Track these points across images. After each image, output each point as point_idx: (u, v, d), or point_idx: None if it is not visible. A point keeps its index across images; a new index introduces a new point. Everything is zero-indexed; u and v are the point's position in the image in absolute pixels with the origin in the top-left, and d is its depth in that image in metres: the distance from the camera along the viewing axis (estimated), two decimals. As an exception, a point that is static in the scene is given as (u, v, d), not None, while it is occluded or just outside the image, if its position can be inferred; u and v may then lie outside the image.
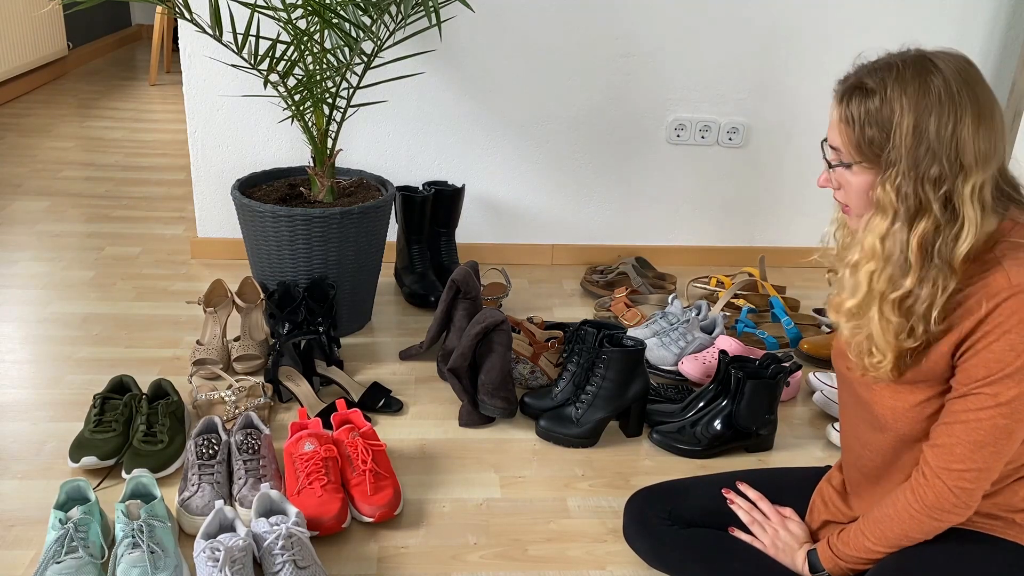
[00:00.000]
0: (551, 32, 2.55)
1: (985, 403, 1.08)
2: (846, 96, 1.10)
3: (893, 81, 1.06)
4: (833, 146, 1.14)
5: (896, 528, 1.19)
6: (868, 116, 1.07)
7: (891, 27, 2.61)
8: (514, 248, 2.81)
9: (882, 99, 1.06)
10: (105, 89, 4.86)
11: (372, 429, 1.72)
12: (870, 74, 1.08)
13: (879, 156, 1.08)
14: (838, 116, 1.11)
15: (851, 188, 1.13)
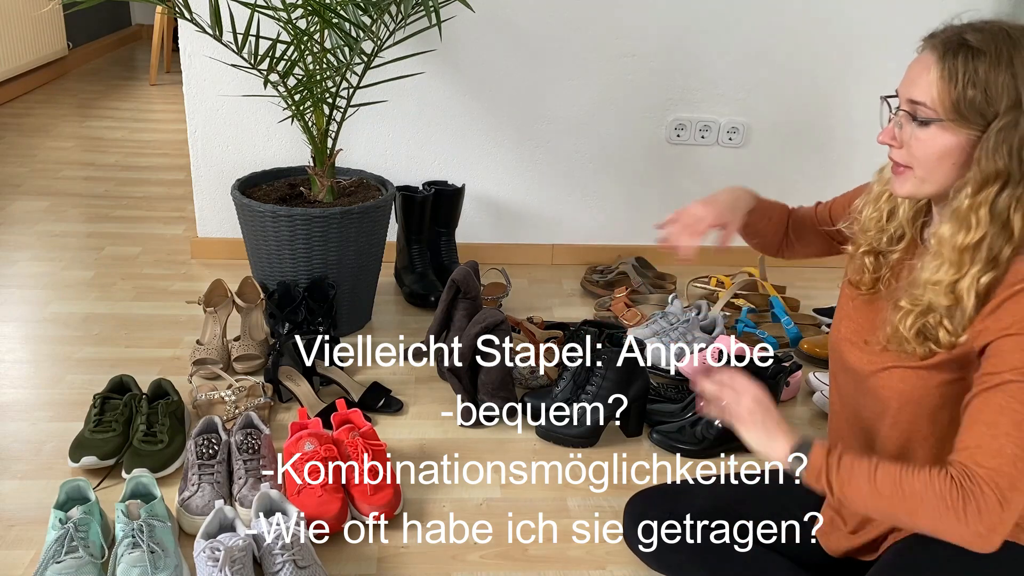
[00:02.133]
0: (551, 32, 2.54)
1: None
2: (950, 50, 1.04)
3: (1004, 44, 1.03)
4: (916, 100, 1.08)
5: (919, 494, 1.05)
6: (976, 76, 1.02)
7: (891, 26, 2.60)
8: (514, 248, 2.81)
9: (993, 61, 1.02)
10: (105, 89, 4.86)
11: (372, 429, 1.72)
12: (976, 33, 1.05)
13: (978, 121, 1.04)
14: (938, 70, 1.05)
15: (925, 148, 1.08)
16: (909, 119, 1.10)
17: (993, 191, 1.04)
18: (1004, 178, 1.04)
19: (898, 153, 1.12)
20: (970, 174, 1.06)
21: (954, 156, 1.07)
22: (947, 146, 1.07)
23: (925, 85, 1.07)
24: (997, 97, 1.03)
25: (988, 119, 1.04)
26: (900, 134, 1.11)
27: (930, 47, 1.09)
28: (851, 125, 2.72)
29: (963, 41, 1.05)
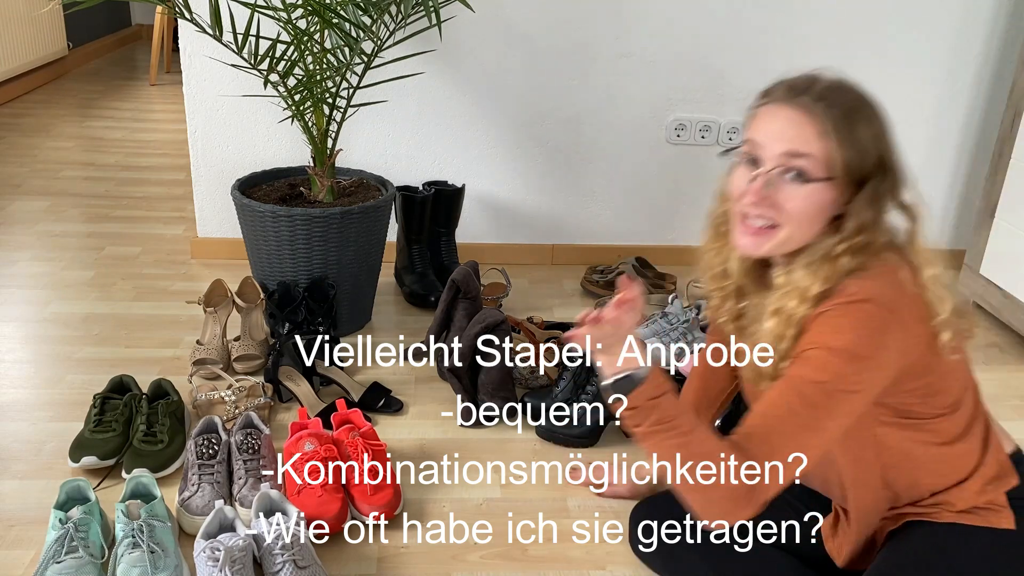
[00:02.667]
0: (551, 32, 2.54)
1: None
2: (829, 109, 1.08)
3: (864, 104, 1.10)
4: (800, 153, 1.07)
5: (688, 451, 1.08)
6: (854, 135, 1.08)
7: (891, 27, 2.61)
8: (514, 248, 2.81)
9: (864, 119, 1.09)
10: (105, 89, 4.86)
11: (372, 429, 1.72)
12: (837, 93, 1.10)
13: (856, 177, 1.08)
14: (821, 129, 1.07)
15: (802, 206, 1.08)
16: (784, 177, 1.09)
17: (860, 240, 1.09)
18: (870, 227, 1.09)
19: (769, 212, 1.10)
20: (848, 225, 1.09)
21: (828, 211, 1.10)
22: (826, 202, 1.09)
23: (805, 139, 1.08)
24: (871, 152, 1.09)
25: (864, 174, 1.09)
26: (771, 192, 1.09)
27: (795, 104, 1.09)
28: (851, 125, 2.72)
29: (836, 100, 1.09)
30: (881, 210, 1.09)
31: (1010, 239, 2.42)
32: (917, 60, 2.66)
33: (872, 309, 1.06)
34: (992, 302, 2.50)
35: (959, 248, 2.89)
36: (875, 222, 1.09)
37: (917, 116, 2.73)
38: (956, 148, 2.79)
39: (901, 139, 3.05)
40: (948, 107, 2.73)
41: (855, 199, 1.08)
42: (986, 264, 2.52)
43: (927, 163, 2.80)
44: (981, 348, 2.42)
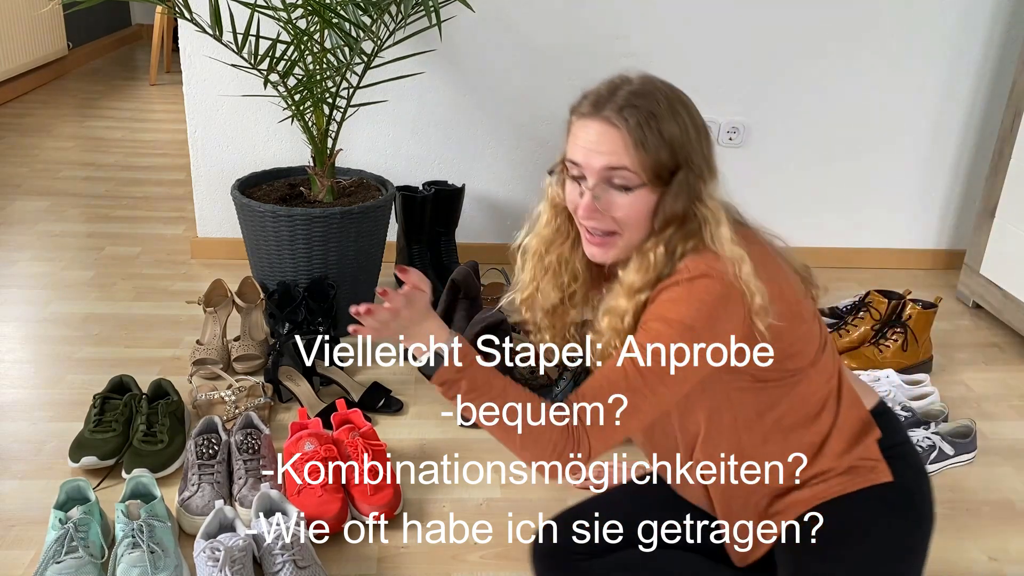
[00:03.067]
0: (551, 32, 2.54)
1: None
2: (631, 118, 1.11)
3: (664, 104, 1.13)
4: (615, 167, 1.11)
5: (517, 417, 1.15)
6: (659, 139, 1.10)
7: (891, 27, 2.61)
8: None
9: (665, 119, 1.12)
10: (105, 89, 4.86)
11: (372, 429, 1.72)
12: (638, 97, 1.13)
13: (667, 177, 1.11)
14: (628, 139, 1.10)
15: (632, 212, 1.12)
16: (609, 189, 1.13)
17: (669, 232, 1.13)
18: (680, 219, 1.12)
19: (600, 222, 1.15)
20: (656, 222, 1.13)
21: (651, 212, 1.14)
22: (649, 207, 1.13)
23: (617, 153, 1.12)
24: (677, 153, 1.12)
25: (673, 172, 1.12)
26: (601, 205, 1.14)
27: (600, 118, 1.14)
28: (851, 125, 2.72)
29: (637, 107, 1.12)
30: (688, 203, 1.12)
31: (1010, 239, 2.42)
32: (918, 60, 2.66)
33: (708, 283, 1.09)
34: (992, 302, 2.50)
35: (959, 248, 2.89)
36: (684, 215, 1.12)
37: (917, 116, 2.73)
38: (956, 148, 2.79)
39: (901, 139, 3.05)
40: (948, 107, 2.73)
41: (663, 196, 1.12)
42: (986, 264, 2.52)
43: (927, 163, 2.80)
44: (981, 348, 2.42)
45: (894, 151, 2.77)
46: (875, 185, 2.81)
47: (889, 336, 2.24)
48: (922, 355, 2.25)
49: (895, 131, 2.74)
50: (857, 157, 2.76)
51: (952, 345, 2.41)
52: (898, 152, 2.78)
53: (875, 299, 2.29)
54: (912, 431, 1.87)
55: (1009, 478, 1.85)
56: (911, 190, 2.83)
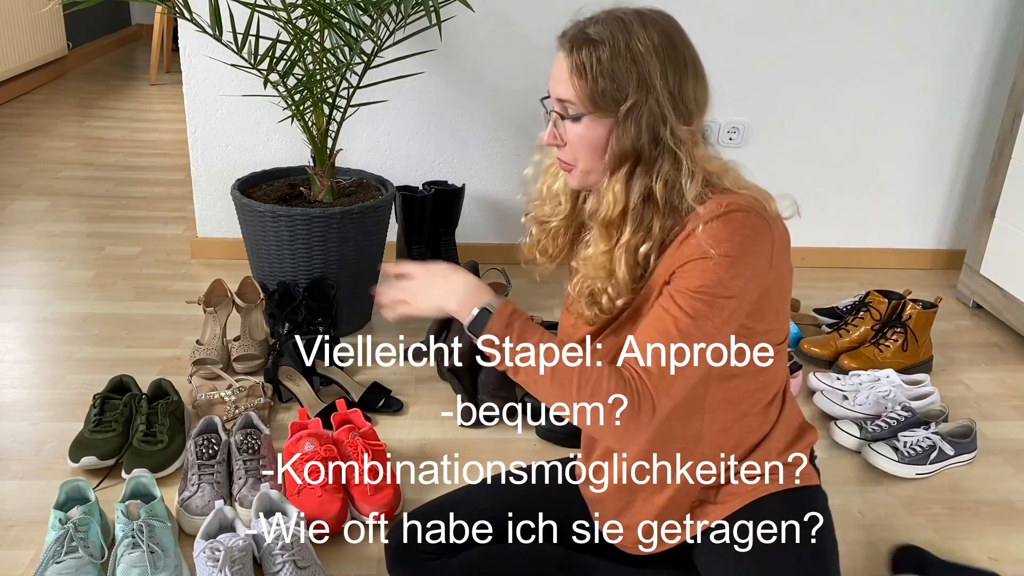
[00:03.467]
0: (551, 32, 2.53)
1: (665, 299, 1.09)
2: (575, 47, 1.09)
3: (620, 32, 1.08)
4: (562, 99, 1.11)
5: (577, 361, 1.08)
6: (601, 67, 1.07)
7: (891, 27, 2.61)
8: (514, 248, 2.79)
9: (614, 50, 1.07)
10: (105, 89, 4.86)
11: (372, 429, 1.72)
12: (595, 25, 1.10)
13: (613, 107, 1.08)
14: (569, 67, 1.09)
15: (580, 142, 1.11)
16: (560, 118, 1.13)
17: (626, 168, 1.09)
18: (636, 155, 1.09)
19: (562, 151, 1.15)
20: (606, 156, 1.11)
21: (604, 144, 1.11)
22: (597, 137, 1.11)
23: (564, 84, 1.11)
24: (624, 82, 1.07)
25: (619, 104, 1.08)
26: (559, 132, 1.14)
27: (560, 45, 1.13)
28: (850, 125, 2.72)
29: (586, 36, 1.10)
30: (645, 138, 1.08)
31: (1010, 239, 2.42)
32: (918, 60, 2.66)
33: (744, 217, 1.08)
34: (992, 302, 2.50)
35: (959, 248, 2.89)
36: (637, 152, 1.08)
37: (918, 116, 2.73)
38: (956, 148, 2.79)
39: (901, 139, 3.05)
40: (948, 107, 2.73)
41: (613, 129, 1.09)
42: (986, 264, 2.52)
43: (927, 163, 2.80)
44: (981, 348, 2.42)
45: (894, 151, 2.77)
46: (875, 185, 2.81)
47: (889, 336, 2.24)
48: (922, 355, 2.25)
49: (895, 131, 2.74)
50: (857, 157, 2.76)
51: (952, 345, 2.41)
52: (898, 152, 2.78)
53: (875, 299, 2.30)
54: (912, 431, 1.87)
55: (1009, 478, 1.86)
56: (911, 190, 2.83)
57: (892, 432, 1.90)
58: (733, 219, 1.07)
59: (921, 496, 1.78)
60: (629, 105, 1.07)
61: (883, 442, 1.87)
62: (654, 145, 1.09)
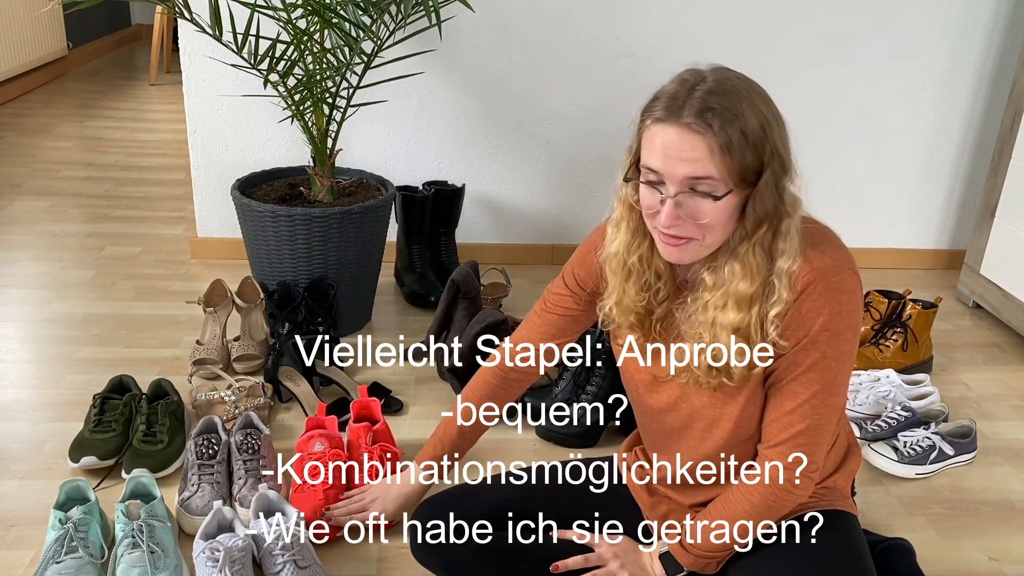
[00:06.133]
0: (551, 32, 2.54)
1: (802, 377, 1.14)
2: (712, 123, 1.04)
3: (743, 103, 1.06)
4: (698, 176, 1.06)
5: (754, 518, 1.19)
6: (744, 140, 1.05)
7: (891, 27, 2.61)
8: (514, 248, 2.81)
9: (745, 123, 1.05)
10: (105, 89, 4.86)
11: (386, 426, 1.72)
12: (715, 97, 1.05)
13: (754, 179, 1.08)
14: (710, 145, 1.04)
15: (716, 216, 1.08)
16: (694, 197, 1.08)
17: (763, 231, 1.11)
18: (773, 217, 1.11)
19: (682, 228, 1.11)
20: (748, 224, 1.10)
21: (736, 213, 1.11)
22: (735, 207, 1.10)
23: (702, 161, 1.05)
24: (762, 152, 1.07)
25: (758, 172, 1.08)
26: (682, 211, 1.09)
27: (680, 124, 1.06)
28: (851, 125, 2.72)
29: (714, 107, 1.05)
30: (777, 199, 1.10)
31: (1010, 239, 2.42)
32: (918, 60, 2.66)
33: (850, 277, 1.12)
34: (992, 302, 2.50)
35: (959, 248, 2.89)
36: (775, 212, 1.10)
37: (917, 116, 2.73)
38: (956, 148, 2.79)
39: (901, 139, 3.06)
40: (948, 107, 2.73)
41: (753, 195, 1.09)
42: (986, 264, 2.52)
43: (927, 163, 2.80)
44: (981, 348, 2.42)
45: (894, 151, 2.77)
46: (875, 185, 2.81)
47: (889, 336, 2.24)
48: (922, 355, 2.25)
49: (895, 131, 2.74)
50: (857, 157, 2.76)
51: (952, 345, 2.41)
52: (898, 152, 2.78)
53: (875, 299, 2.30)
54: (912, 431, 1.87)
55: (1009, 478, 1.85)
56: (911, 190, 2.83)
57: (892, 432, 1.90)
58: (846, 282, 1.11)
59: (921, 496, 1.78)
60: (769, 174, 1.08)
61: (883, 442, 1.87)
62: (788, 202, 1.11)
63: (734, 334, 1.13)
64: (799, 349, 1.12)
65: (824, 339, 1.11)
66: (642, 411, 1.34)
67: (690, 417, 1.24)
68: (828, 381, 1.13)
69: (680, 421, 1.26)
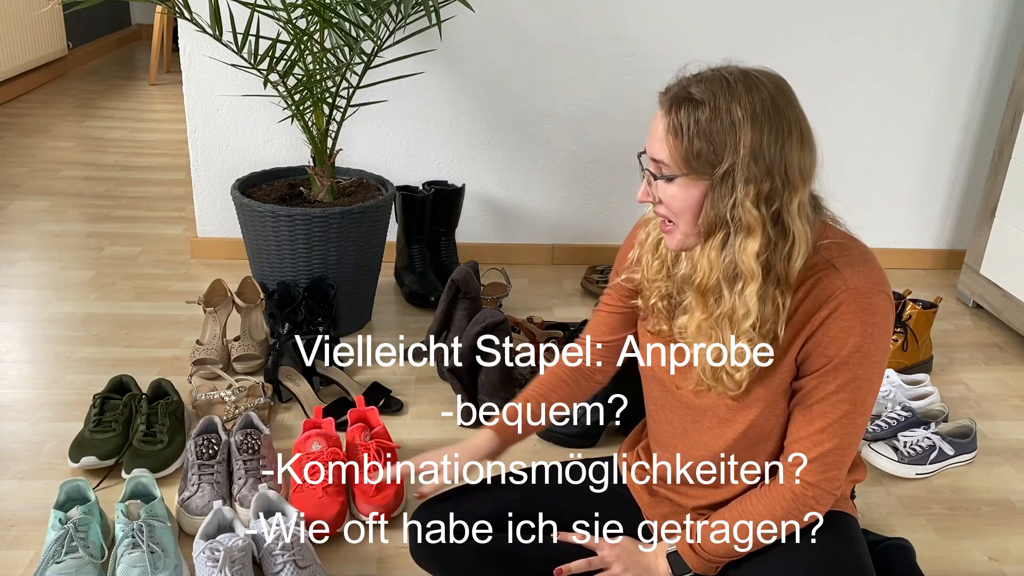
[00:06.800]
0: (551, 32, 2.54)
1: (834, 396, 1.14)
2: (674, 106, 1.06)
3: (723, 93, 1.04)
4: (655, 158, 1.09)
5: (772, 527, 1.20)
6: (698, 128, 1.04)
7: (891, 27, 2.61)
8: (514, 248, 2.81)
9: (713, 111, 1.03)
10: (105, 89, 4.86)
11: (385, 429, 1.72)
12: (697, 85, 1.06)
13: (708, 170, 1.06)
14: (664, 127, 1.06)
15: (675, 202, 1.09)
16: (654, 177, 1.11)
17: (721, 235, 1.08)
18: (726, 225, 1.07)
19: (660, 208, 1.13)
20: (699, 222, 1.09)
21: (699, 207, 1.09)
22: (691, 199, 1.08)
23: (660, 143, 1.08)
24: (721, 146, 1.04)
25: (714, 167, 1.05)
26: (653, 191, 1.12)
27: (661, 102, 1.09)
28: (851, 125, 2.72)
29: (687, 95, 1.05)
30: (728, 207, 1.06)
31: (1010, 239, 2.42)
32: (918, 60, 2.66)
33: (883, 300, 1.12)
34: (992, 302, 2.50)
35: (959, 248, 2.89)
36: (723, 219, 1.07)
37: (917, 116, 2.73)
38: (956, 148, 2.79)
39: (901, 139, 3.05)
40: (948, 107, 2.73)
41: (708, 192, 1.07)
42: (986, 264, 2.52)
43: (927, 163, 2.80)
44: (981, 348, 2.42)
45: (894, 151, 2.77)
46: (875, 185, 2.81)
47: (889, 336, 2.23)
48: (922, 355, 2.25)
49: (895, 131, 2.74)
50: (857, 157, 2.76)
51: (952, 345, 2.41)
52: (898, 152, 2.78)
53: (875, 299, 2.29)
54: (912, 431, 1.87)
55: (1009, 478, 1.86)
56: (911, 190, 2.84)
57: (892, 432, 1.90)
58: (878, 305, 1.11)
59: (921, 496, 1.78)
60: (724, 169, 1.04)
61: (883, 442, 1.87)
62: (743, 217, 1.05)
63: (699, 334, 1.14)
64: (830, 369, 1.12)
65: (856, 360, 1.11)
66: (656, 403, 1.33)
67: (703, 413, 1.24)
68: (858, 402, 1.14)
69: (693, 417, 1.26)
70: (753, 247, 1.06)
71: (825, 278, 1.11)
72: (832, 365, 1.12)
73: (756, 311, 1.09)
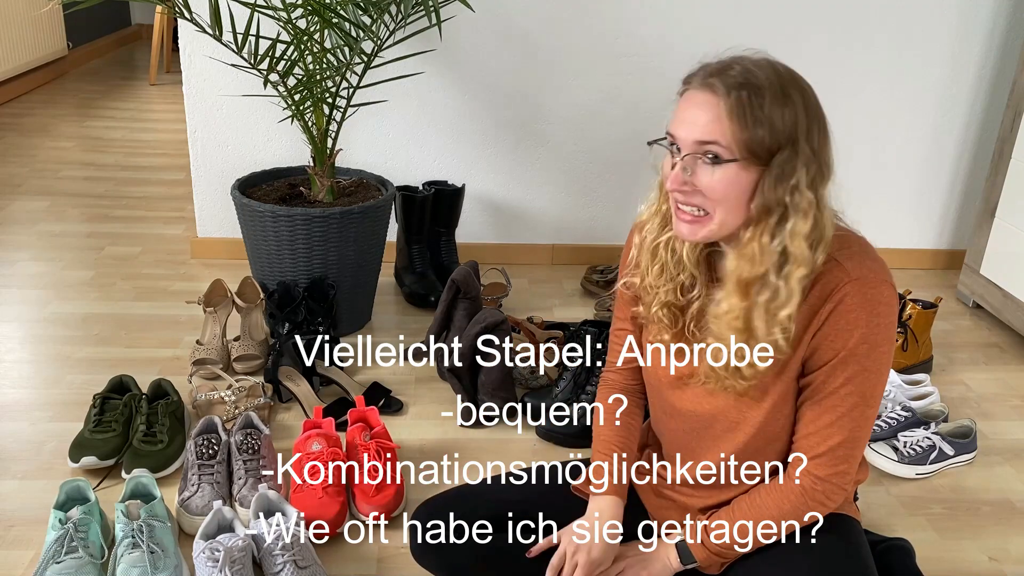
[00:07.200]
0: (551, 32, 2.54)
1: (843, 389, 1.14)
2: (733, 88, 1.04)
3: (778, 81, 1.07)
4: (706, 141, 1.06)
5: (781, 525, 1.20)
6: (763, 112, 1.04)
7: (892, 27, 2.61)
8: (514, 248, 2.81)
9: (774, 98, 1.05)
10: (105, 89, 4.86)
11: (385, 429, 1.72)
12: (750, 71, 1.06)
13: (765, 157, 1.06)
14: (726, 108, 1.04)
15: (721, 187, 1.07)
16: (699, 161, 1.08)
17: (772, 220, 1.08)
18: (783, 209, 1.07)
19: (690, 198, 1.10)
20: (754, 205, 1.08)
21: (749, 193, 1.08)
22: (742, 186, 1.07)
23: (712, 124, 1.06)
24: (781, 132, 1.05)
25: (773, 153, 1.06)
26: (691, 179, 1.09)
27: (705, 86, 1.07)
28: (851, 125, 2.72)
29: (745, 79, 1.05)
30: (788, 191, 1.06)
31: (1010, 239, 2.42)
32: (918, 60, 2.66)
33: (887, 289, 1.12)
34: (992, 302, 2.50)
35: (959, 248, 2.89)
36: (782, 203, 1.07)
37: (917, 116, 2.73)
38: (956, 148, 2.79)
39: (902, 139, 3.05)
40: (948, 107, 2.73)
41: (762, 177, 1.07)
42: (986, 264, 2.52)
43: (927, 163, 2.80)
44: (981, 348, 2.42)
45: (894, 151, 2.77)
46: (875, 185, 2.81)
47: (889, 336, 2.23)
48: (922, 355, 2.25)
49: (895, 131, 2.74)
50: (857, 157, 2.76)
51: (952, 345, 2.41)
52: (898, 152, 2.78)
53: (875, 299, 2.29)
54: (912, 431, 1.87)
55: (1009, 478, 1.86)
56: (911, 190, 2.84)
57: (892, 432, 1.90)
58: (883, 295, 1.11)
59: (921, 496, 1.78)
60: (787, 153, 1.05)
61: (883, 442, 1.87)
62: (800, 200, 1.07)
63: (731, 327, 1.12)
64: (837, 362, 1.12)
65: (863, 352, 1.11)
66: (663, 410, 1.33)
67: (711, 419, 1.23)
68: (867, 394, 1.14)
69: (701, 423, 1.25)
70: (804, 229, 1.07)
71: (828, 272, 1.11)
72: (840, 358, 1.12)
73: (798, 297, 1.09)
